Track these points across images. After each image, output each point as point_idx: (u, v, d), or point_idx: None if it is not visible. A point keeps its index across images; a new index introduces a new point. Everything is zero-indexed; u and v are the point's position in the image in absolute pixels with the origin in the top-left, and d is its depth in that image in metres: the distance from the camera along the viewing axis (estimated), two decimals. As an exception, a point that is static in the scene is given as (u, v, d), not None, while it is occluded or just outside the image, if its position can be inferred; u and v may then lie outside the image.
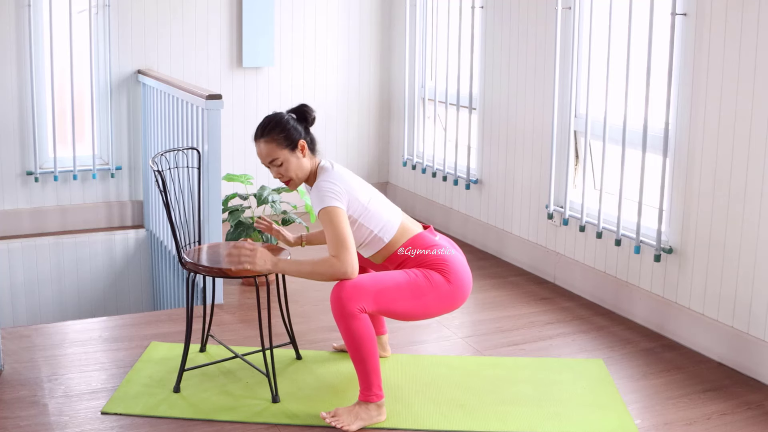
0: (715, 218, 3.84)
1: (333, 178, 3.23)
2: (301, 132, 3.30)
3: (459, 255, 3.33)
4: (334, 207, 3.14)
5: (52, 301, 5.68)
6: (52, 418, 3.19)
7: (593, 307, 4.52)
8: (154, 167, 3.40)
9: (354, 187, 3.25)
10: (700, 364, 3.82)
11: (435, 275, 3.21)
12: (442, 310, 3.28)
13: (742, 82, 3.64)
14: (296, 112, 3.35)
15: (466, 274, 3.30)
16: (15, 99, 5.62)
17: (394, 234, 3.29)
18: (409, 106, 6.26)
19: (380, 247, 3.30)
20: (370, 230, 3.27)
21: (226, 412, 3.26)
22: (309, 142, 3.32)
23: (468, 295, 3.33)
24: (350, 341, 3.10)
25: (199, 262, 3.38)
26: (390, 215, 3.31)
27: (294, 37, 6.27)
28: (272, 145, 3.27)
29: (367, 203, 3.26)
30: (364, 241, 3.30)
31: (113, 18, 5.75)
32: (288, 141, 3.27)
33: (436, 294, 3.20)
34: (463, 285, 3.27)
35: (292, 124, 3.30)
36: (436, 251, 3.26)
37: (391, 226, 3.29)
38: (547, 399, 3.43)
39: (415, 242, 3.29)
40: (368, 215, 3.26)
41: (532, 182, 5.04)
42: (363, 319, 3.08)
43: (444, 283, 3.21)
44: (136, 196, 6.05)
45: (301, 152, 3.28)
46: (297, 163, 3.29)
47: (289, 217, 4.72)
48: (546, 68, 4.84)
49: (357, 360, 3.13)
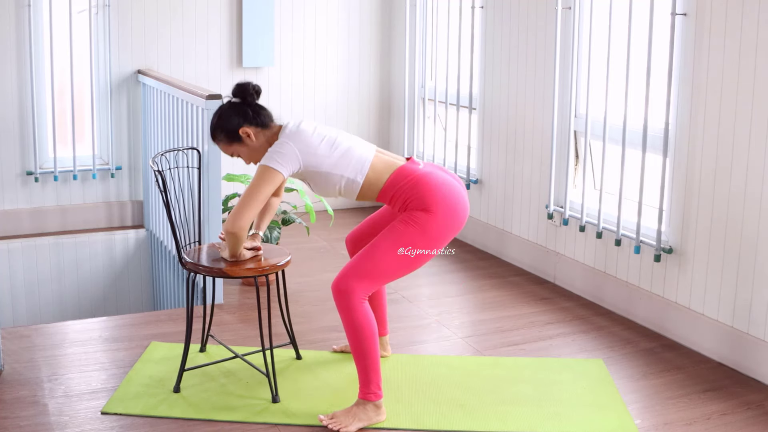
0: (715, 218, 3.84)
1: (289, 138, 3.19)
2: (239, 121, 3.26)
3: (444, 175, 3.22)
4: (270, 169, 3.13)
5: (52, 301, 5.68)
6: (52, 418, 3.19)
7: (593, 307, 4.52)
8: (154, 167, 3.40)
9: (311, 143, 3.19)
10: (700, 364, 3.82)
11: (417, 215, 3.13)
12: (438, 242, 3.17)
13: (742, 82, 3.64)
14: (236, 94, 3.32)
15: (451, 192, 3.17)
16: (15, 99, 5.62)
17: (367, 172, 3.21)
18: (409, 106, 6.26)
19: (358, 189, 3.22)
20: (340, 175, 3.20)
21: (226, 412, 3.26)
22: (254, 120, 3.27)
23: (462, 215, 3.19)
24: (352, 333, 3.11)
25: (199, 262, 3.38)
26: (359, 154, 3.23)
27: (294, 37, 6.27)
28: (222, 145, 3.32)
29: (329, 152, 3.20)
30: (339, 187, 3.24)
31: (113, 18, 5.75)
32: (231, 136, 3.27)
33: (425, 235, 3.12)
34: (448, 206, 3.14)
35: (225, 120, 3.27)
36: (419, 181, 3.15)
37: (362, 165, 3.21)
38: (547, 399, 3.43)
39: (397, 177, 3.20)
40: (331, 162, 3.19)
41: (532, 182, 5.04)
42: (365, 309, 3.10)
43: (429, 218, 3.11)
44: (136, 196, 6.05)
45: (249, 138, 3.26)
46: (250, 150, 3.29)
47: (289, 217, 4.72)
48: (546, 68, 4.84)
49: (357, 354, 3.13)
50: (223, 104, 3.35)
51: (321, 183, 3.25)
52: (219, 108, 3.34)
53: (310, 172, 3.22)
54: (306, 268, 5.06)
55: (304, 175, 3.24)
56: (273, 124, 3.33)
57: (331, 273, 5.00)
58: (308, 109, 6.38)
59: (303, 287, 4.73)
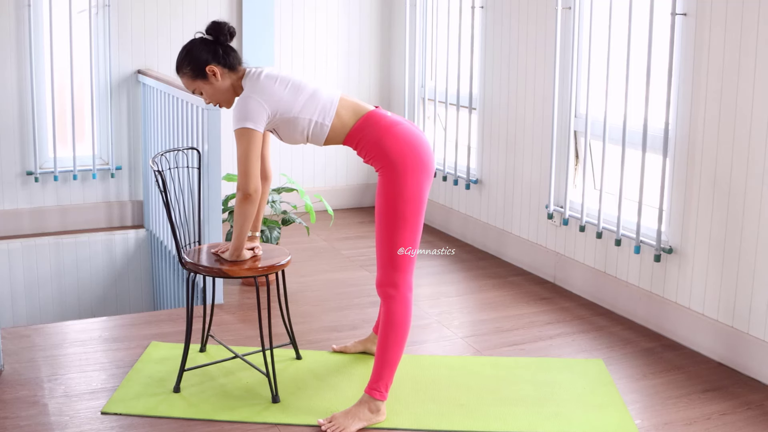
0: (715, 218, 3.84)
1: (254, 90, 3.16)
2: (208, 57, 3.21)
3: (409, 127, 3.20)
4: (247, 129, 3.11)
5: (52, 301, 5.68)
6: (52, 418, 3.19)
7: (593, 307, 4.52)
8: (154, 167, 3.40)
9: (274, 92, 3.16)
10: (700, 364, 3.82)
11: (387, 182, 3.11)
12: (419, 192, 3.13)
13: (742, 82, 3.64)
14: (210, 32, 3.27)
15: (413, 140, 3.15)
16: (15, 99, 5.63)
17: (334, 115, 3.20)
18: (409, 106, 6.26)
19: (326, 132, 3.21)
20: (308, 119, 3.19)
21: (226, 412, 3.26)
22: (223, 61, 3.22)
23: (428, 159, 3.16)
24: (386, 325, 3.17)
25: (199, 262, 3.38)
26: (326, 97, 3.21)
27: (294, 37, 6.27)
28: (185, 79, 3.27)
29: (294, 97, 3.18)
30: (307, 133, 3.22)
31: (113, 18, 5.75)
32: (196, 71, 3.23)
33: (404, 195, 3.10)
34: (413, 156, 3.11)
35: (196, 53, 3.22)
36: (383, 132, 3.14)
37: (329, 108, 3.20)
38: (547, 399, 3.43)
39: (364, 123, 3.18)
40: (298, 107, 3.17)
41: (532, 182, 5.04)
42: (407, 306, 3.17)
43: (399, 178, 3.10)
44: (136, 196, 6.05)
45: (214, 77, 3.23)
46: (213, 89, 3.26)
47: (289, 217, 4.72)
48: (546, 68, 4.84)
49: (382, 348, 3.17)
50: (194, 38, 3.28)
51: (288, 130, 3.22)
52: (190, 41, 3.27)
53: (278, 120, 3.19)
54: (306, 268, 5.06)
55: (272, 124, 3.21)
56: (240, 67, 3.28)
57: (331, 273, 5.00)
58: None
59: (303, 287, 4.73)
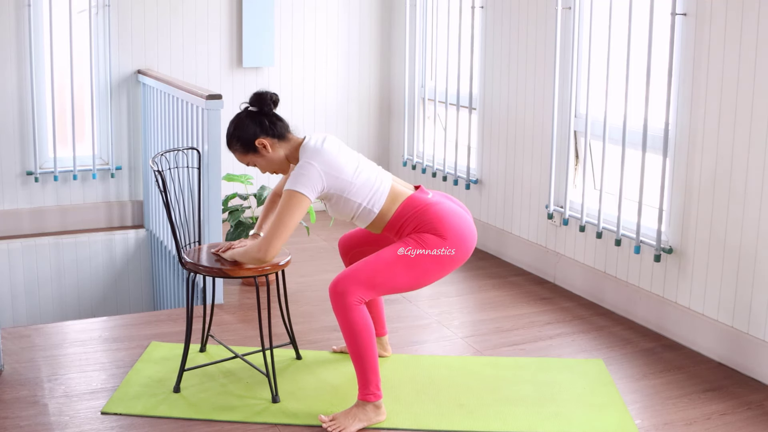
0: (715, 218, 3.84)
1: (314, 158, 3.15)
2: (256, 130, 3.22)
3: (454, 206, 3.24)
4: (299, 194, 3.10)
5: (52, 301, 5.68)
6: (52, 418, 3.19)
7: (593, 307, 4.52)
8: (154, 167, 3.40)
9: (336, 165, 3.17)
10: (700, 364, 3.82)
11: (427, 237, 3.13)
12: (444, 269, 3.18)
13: (742, 82, 3.64)
14: (253, 103, 3.27)
15: (463, 223, 3.19)
16: (15, 99, 5.62)
17: (384, 203, 3.21)
18: (409, 105, 6.26)
19: (372, 218, 3.23)
20: (358, 203, 3.20)
21: (226, 412, 3.26)
22: (271, 131, 3.23)
23: (471, 245, 3.20)
24: (348, 335, 3.10)
25: (199, 262, 3.38)
26: (379, 184, 3.23)
27: (294, 37, 6.27)
28: (238, 154, 3.28)
29: (352, 178, 3.19)
30: (354, 214, 3.24)
31: (113, 18, 5.75)
32: (246, 146, 3.23)
33: (432, 256, 3.12)
34: (460, 235, 3.16)
35: (243, 128, 3.23)
36: (428, 209, 3.17)
37: (380, 195, 3.21)
38: (547, 399, 3.43)
39: (407, 206, 3.20)
40: (353, 189, 3.19)
41: (532, 182, 5.04)
42: (361, 311, 3.08)
43: (439, 241, 3.13)
44: (136, 196, 6.05)
45: (265, 149, 3.24)
46: (266, 161, 3.26)
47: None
48: (546, 68, 4.84)
49: (355, 356, 3.12)
50: (240, 112, 3.29)
51: (339, 206, 3.23)
52: (236, 116, 3.28)
53: (331, 194, 3.20)
54: (306, 268, 5.06)
55: (324, 195, 3.22)
56: (291, 135, 3.28)
57: (331, 273, 5.00)
58: (308, 109, 6.38)
59: (303, 287, 4.73)
